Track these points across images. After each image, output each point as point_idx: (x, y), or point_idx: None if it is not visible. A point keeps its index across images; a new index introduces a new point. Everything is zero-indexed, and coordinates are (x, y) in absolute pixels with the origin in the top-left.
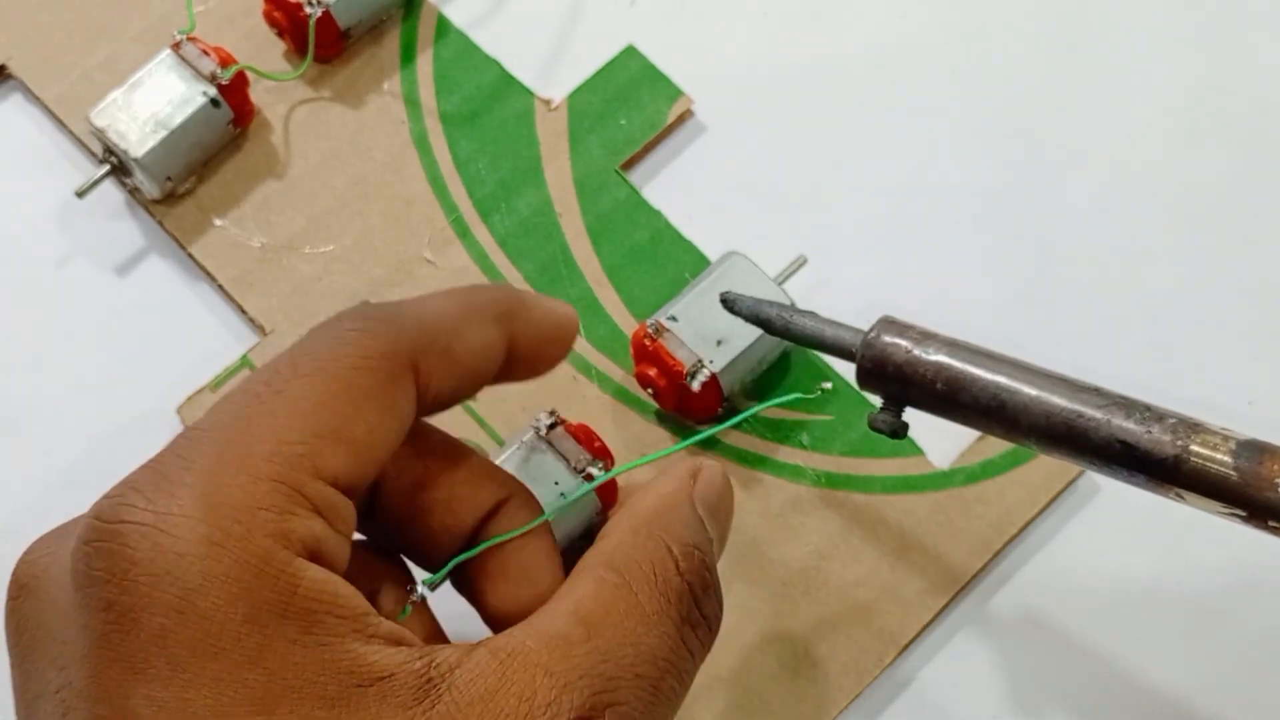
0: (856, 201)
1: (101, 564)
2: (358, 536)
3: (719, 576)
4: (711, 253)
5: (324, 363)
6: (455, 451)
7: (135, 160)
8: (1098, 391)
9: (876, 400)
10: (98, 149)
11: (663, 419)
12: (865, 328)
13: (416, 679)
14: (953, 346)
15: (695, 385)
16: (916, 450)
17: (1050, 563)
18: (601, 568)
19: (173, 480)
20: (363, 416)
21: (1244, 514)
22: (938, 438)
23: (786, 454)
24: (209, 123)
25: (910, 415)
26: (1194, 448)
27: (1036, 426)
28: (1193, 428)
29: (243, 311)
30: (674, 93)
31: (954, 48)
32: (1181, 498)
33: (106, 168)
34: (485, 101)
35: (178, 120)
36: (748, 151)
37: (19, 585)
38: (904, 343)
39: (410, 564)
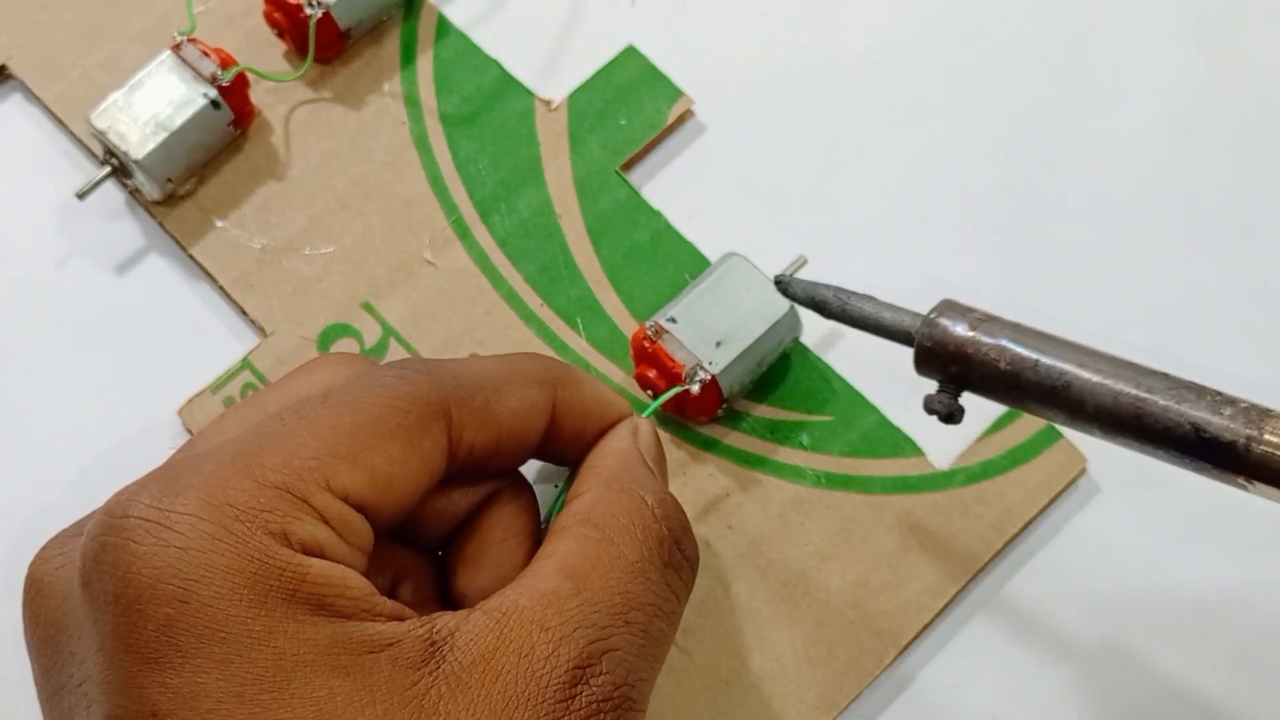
0: (856, 201)
1: (107, 559)
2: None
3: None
4: (711, 253)
5: (355, 398)
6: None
7: (136, 162)
8: (1166, 376)
9: (886, 399)
10: (98, 150)
11: (662, 420)
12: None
13: (421, 643)
14: (1017, 329)
15: (694, 387)
16: (916, 451)
17: (1050, 563)
18: (580, 525)
19: (181, 482)
20: (384, 448)
21: None
22: (938, 438)
23: (786, 454)
24: (209, 124)
25: (915, 415)
26: (1266, 434)
27: (1103, 408)
28: (1265, 413)
29: (243, 313)
30: (674, 93)
31: (954, 48)
32: (1247, 487)
33: (107, 169)
34: (485, 102)
35: (178, 122)
36: (748, 152)
37: (34, 583)
38: (966, 323)
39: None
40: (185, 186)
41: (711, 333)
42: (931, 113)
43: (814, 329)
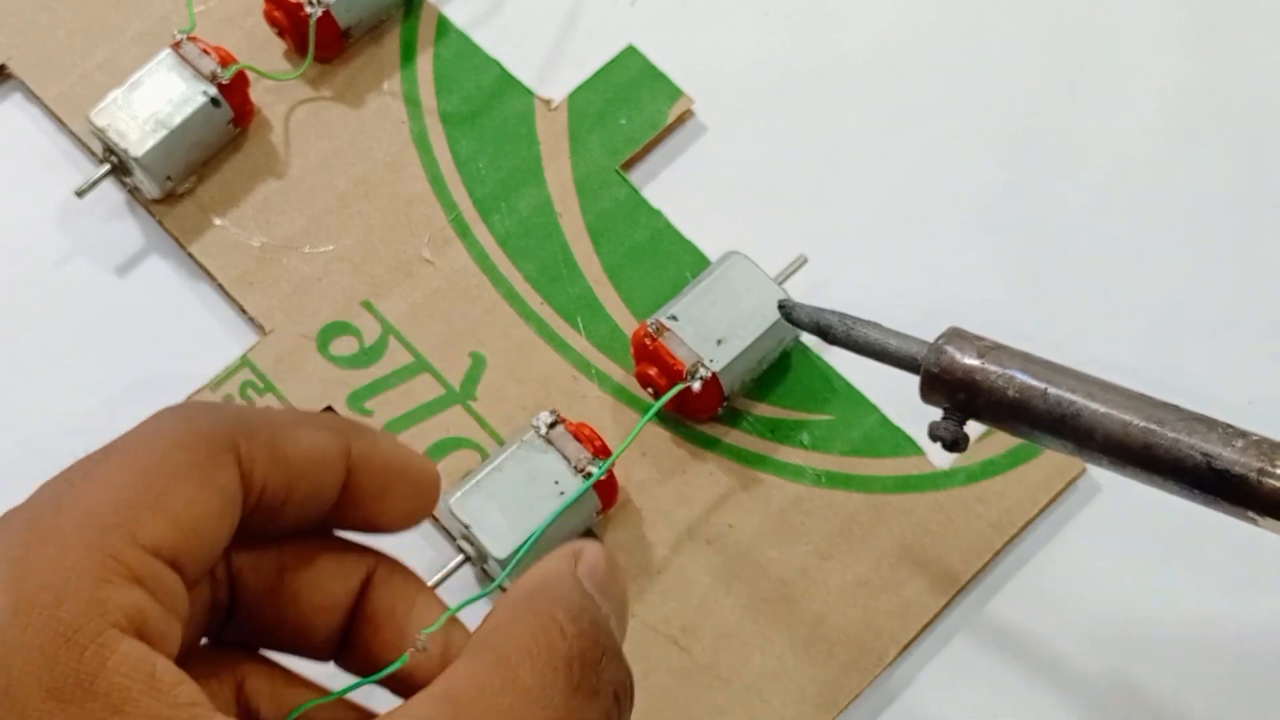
0: (857, 201)
1: None
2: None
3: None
4: (711, 252)
5: (136, 446)
6: (310, 541)
7: (135, 160)
8: (1177, 409)
9: (886, 399)
10: (98, 148)
11: (663, 419)
12: (927, 339)
13: None
14: (1025, 358)
15: (696, 384)
16: (917, 450)
17: (1050, 562)
18: (475, 647)
19: None
20: (181, 490)
21: None
22: None
23: (787, 453)
24: (209, 122)
25: (915, 415)
26: (1278, 468)
27: (1112, 438)
28: (1275, 447)
29: (243, 311)
30: (674, 93)
31: (954, 48)
32: (1256, 521)
33: (107, 167)
34: (485, 101)
35: (178, 120)
36: (748, 151)
37: None
38: (975, 351)
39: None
40: (185, 185)
41: (712, 331)
42: (932, 112)
43: None
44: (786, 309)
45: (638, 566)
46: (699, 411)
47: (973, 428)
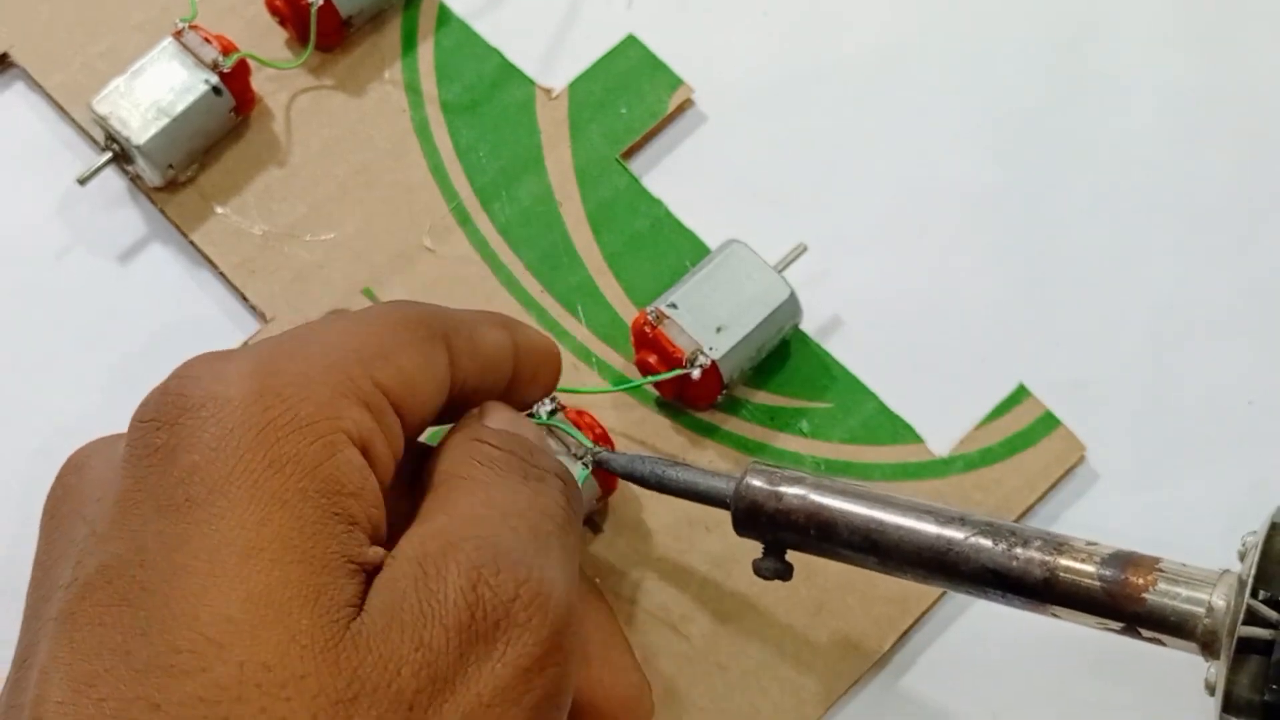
0: (856, 192)
1: (156, 413)
2: None
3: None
4: (711, 241)
5: (367, 316)
6: None
7: (137, 147)
8: (963, 521)
9: (885, 387)
10: (99, 137)
11: (662, 406)
12: (736, 474)
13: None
14: (820, 488)
15: (695, 372)
16: (916, 438)
17: None
18: (430, 485)
19: (235, 354)
20: (407, 354)
21: (1118, 627)
22: (937, 425)
23: (786, 441)
24: (211, 110)
25: (914, 403)
26: (1063, 565)
27: (909, 561)
28: (1058, 547)
29: (244, 299)
30: (674, 82)
31: (956, 40)
32: (1057, 615)
33: (108, 155)
34: (486, 90)
35: (180, 108)
36: (748, 141)
37: (71, 465)
38: (773, 489)
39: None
40: (186, 173)
41: (712, 318)
42: (932, 106)
43: (814, 316)
44: (602, 462)
45: (637, 553)
46: (698, 399)
47: (965, 426)
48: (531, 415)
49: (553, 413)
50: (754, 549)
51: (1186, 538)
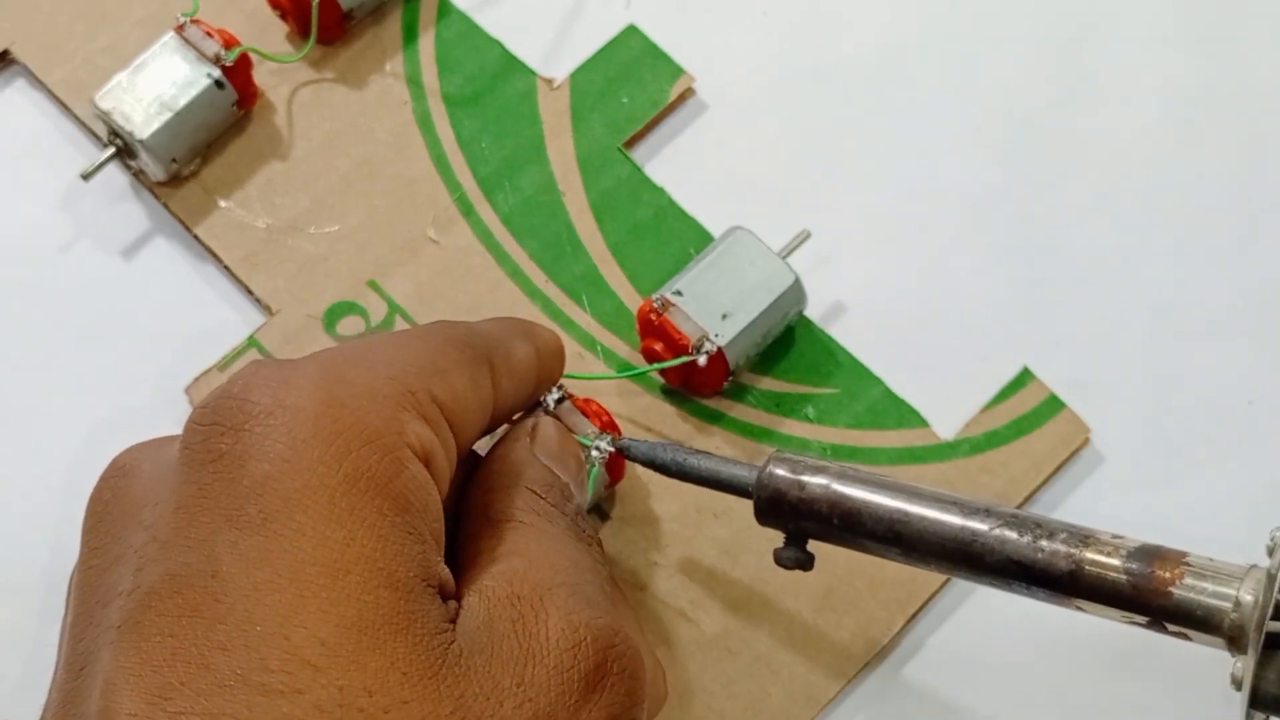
0: (860, 178)
1: (222, 417)
2: None
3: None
4: (714, 229)
5: (419, 334)
6: None
7: (140, 142)
8: (988, 512)
9: (890, 372)
10: (102, 132)
11: (668, 394)
12: (758, 462)
13: (450, 612)
14: (844, 477)
15: (701, 358)
16: (921, 422)
17: None
18: (495, 520)
19: (298, 362)
20: (457, 373)
21: (1143, 621)
22: (942, 409)
23: (791, 427)
24: (213, 104)
25: (919, 387)
26: (1088, 557)
27: (933, 552)
28: (1084, 539)
29: (249, 292)
30: (675, 71)
31: (957, 33)
32: (1082, 609)
33: (111, 150)
34: (488, 81)
35: (182, 102)
36: (750, 129)
37: (118, 468)
38: (796, 478)
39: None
40: (189, 167)
41: (717, 305)
42: (932, 96)
43: (819, 302)
44: (624, 449)
45: (646, 540)
46: (704, 386)
47: (970, 410)
48: (539, 404)
49: (560, 401)
50: (761, 535)
51: (1193, 519)
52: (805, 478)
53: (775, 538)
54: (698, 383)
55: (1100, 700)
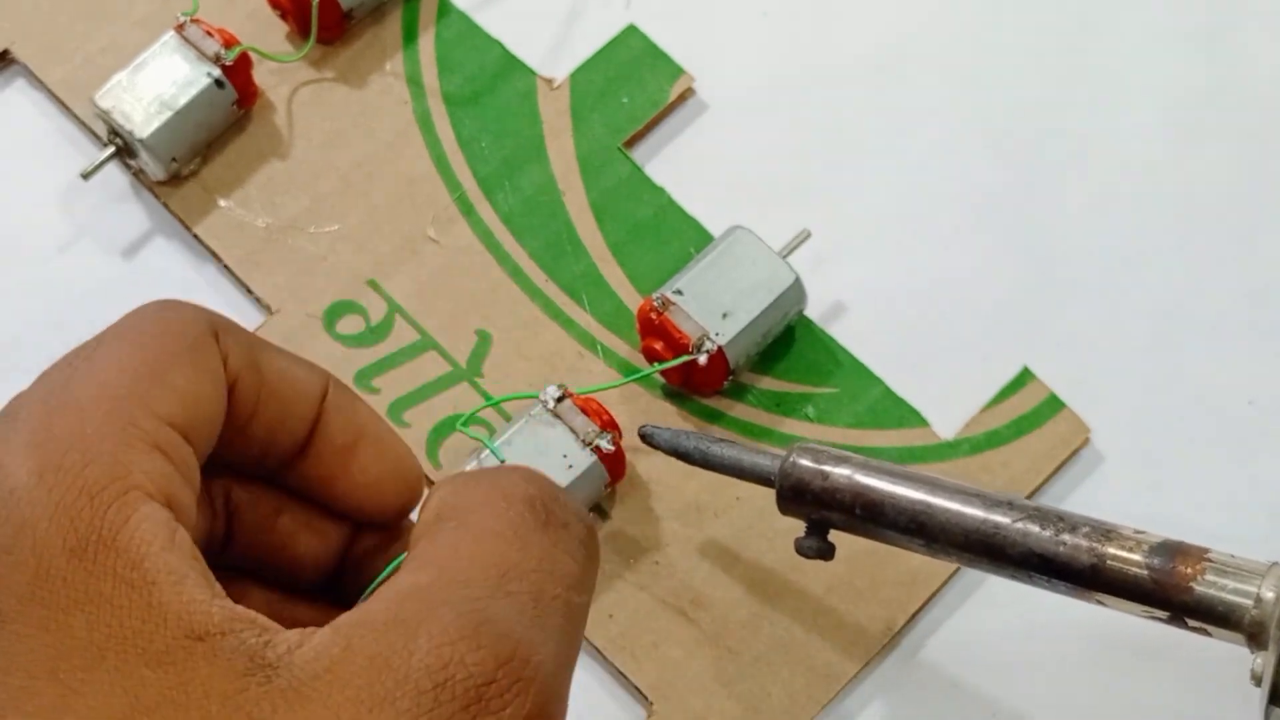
0: (860, 178)
1: None
2: None
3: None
4: (714, 229)
5: (128, 332)
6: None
7: (140, 141)
8: (1011, 505)
9: (890, 371)
10: (102, 132)
11: (669, 393)
12: (781, 452)
13: (251, 647)
14: (867, 468)
15: (702, 357)
16: (921, 422)
17: None
18: (432, 523)
19: (10, 425)
20: (179, 369)
21: (1164, 615)
22: (942, 409)
23: (791, 426)
24: (213, 104)
25: (919, 387)
26: (1110, 552)
27: (955, 544)
28: (1106, 534)
29: (249, 291)
30: (675, 71)
31: (957, 33)
32: (1103, 603)
33: (111, 149)
34: (488, 81)
35: (182, 101)
36: (749, 129)
37: None
38: (820, 468)
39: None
40: (189, 166)
41: (718, 304)
42: (932, 97)
43: (819, 302)
44: (647, 436)
45: (646, 539)
46: (705, 385)
47: (970, 410)
48: (542, 401)
49: (560, 400)
50: (761, 536)
51: (1192, 518)
52: (829, 468)
53: (776, 537)
54: (698, 382)
55: (1114, 689)
